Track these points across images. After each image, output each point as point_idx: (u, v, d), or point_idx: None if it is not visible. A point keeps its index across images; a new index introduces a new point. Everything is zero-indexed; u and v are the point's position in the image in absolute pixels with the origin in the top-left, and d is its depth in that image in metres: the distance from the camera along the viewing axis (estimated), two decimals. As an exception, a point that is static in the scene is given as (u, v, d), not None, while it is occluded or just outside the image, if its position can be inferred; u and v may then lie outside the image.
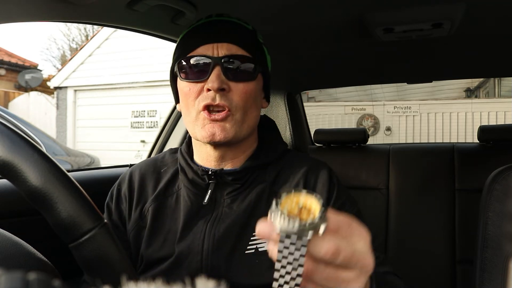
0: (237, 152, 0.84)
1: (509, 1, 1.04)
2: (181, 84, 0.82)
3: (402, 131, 8.12)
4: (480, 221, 0.88)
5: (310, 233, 0.36)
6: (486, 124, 4.35)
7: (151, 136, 7.70)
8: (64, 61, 13.74)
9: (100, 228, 0.49)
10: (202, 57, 0.78)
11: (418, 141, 7.90)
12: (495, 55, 1.55)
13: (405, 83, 2.11)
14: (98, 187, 1.19)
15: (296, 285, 0.37)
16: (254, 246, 0.76)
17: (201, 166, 0.84)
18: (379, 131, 8.22)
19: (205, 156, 0.84)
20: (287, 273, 0.37)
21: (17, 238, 0.52)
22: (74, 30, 16.37)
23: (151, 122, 8.18)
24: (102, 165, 3.60)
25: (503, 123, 7.16)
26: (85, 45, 9.07)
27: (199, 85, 0.78)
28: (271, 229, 0.38)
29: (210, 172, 0.81)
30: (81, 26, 15.40)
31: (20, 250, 0.50)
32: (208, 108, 0.77)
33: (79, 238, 0.48)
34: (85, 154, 4.48)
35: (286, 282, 0.38)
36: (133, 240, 0.85)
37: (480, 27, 1.23)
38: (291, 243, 0.37)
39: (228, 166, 0.84)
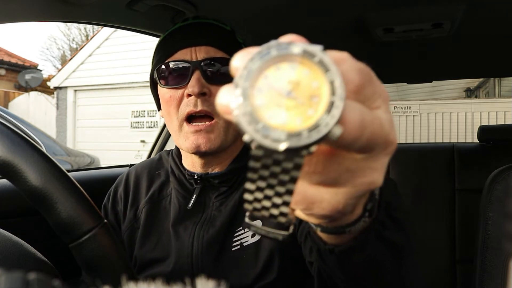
0: (223, 157, 0.82)
1: (509, 1, 1.04)
2: (162, 91, 0.80)
3: (402, 131, 8.12)
4: (480, 221, 0.88)
5: (313, 147, 0.21)
6: (486, 124, 4.35)
7: (151, 136, 7.70)
8: (64, 61, 13.75)
9: (100, 228, 0.49)
10: (181, 62, 0.76)
11: (418, 141, 7.90)
12: (495, 55, 1.55)
13: (405, 83, 2.11)
14: (98, 187, 1.19)
15: (282, 214, 0.24)
16: (239, 242, 0.76)
17: (187, 170, 0.84)
18: (379, 131, 8.21)
19: (190, 163, 0.83)
20: (266, 197, 0.24)
21: (17, 238, 0.52)
22: (74, 30, 16.39)
23: (151, 122, 8.18)
24: (102, 165, 3.60)
25: (503, 123, 7.16)
26: (85, 45, 9.08)
27: (180, 91, 0.76)
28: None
29: (196, 177, 0.81)
30: (81, 26, 15.41)
31: (20, 250, 0.50)
32: (190, 119, 0.76)
33: (79, 238, 0.48)
34: (85, 154, 4.48)
35: (264, 208, 0.24)
36: (127, 240, 0.85)
37: (480, 27, 1.23)
38: (275, 163, 0.22)
39: (215, 170, 0.83)
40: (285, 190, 0.23)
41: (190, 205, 0.80)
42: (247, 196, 0.25)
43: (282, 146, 0.20)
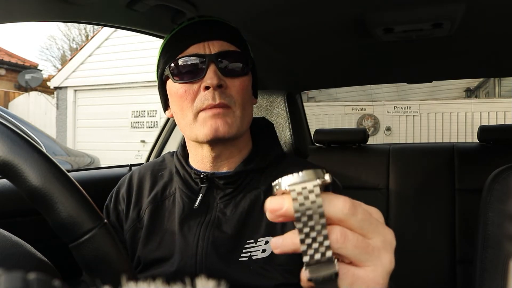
0: (233, 151, 0.82)
1: (509, 1, 1.04)
2: (175, 87, 0.79)
3: (402, 131, 8.12)
4: (480, 221, 0.88)
5: (318, 180, 0.33)
6: (486, 124, 4.35)
7: (151, 136, 7.70)
8: (64, 61, 13.74)
9: (100, 228, 0.49)
10: (196, 56, 0.77)
11: (418, 141, 7.90)
12: (495, 55, 1.55)
13: (405, 83, 2.11)
14: (98, 187, 1.19)
15: (325, 237, 0.33)
16: (248, 254, 0.75)
17: (194, 169, 0.83)
18: (379, 131, 8.23)
19: (200, 158, 0.83)
20: (311, 228, 0.33)
21: (17, 238, 0.52)
22: (74, 30, 16.38)
23: (151, 122, 8.18)
24: (102, 165, 3.59)
25: (503, 123, 7.16)
26: (85, 45, 9.07)
27: (195, 85, 0.76)
28: (282, 203, 0.34)
29: (202, 176, 0.80)
30: (81, 26, 15.41)
31: (20, 250, 0.50)
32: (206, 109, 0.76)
33: (79, 238, 0.48)
34: (85, 154, 4.48)
35: (314, 240, 0.33)
36: (129, 240, 0.85)
37: (480, 27, 1.23)
38: (305, 197, 0.33)
39: (223, 168, 0.83)
40: (318, 216, 0.33)
41: (196, 205, 0.80)
42: (302, 237, 0.34)
43: (302, 179, 0.33)
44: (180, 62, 0.78)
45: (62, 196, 0.48)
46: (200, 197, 0.80)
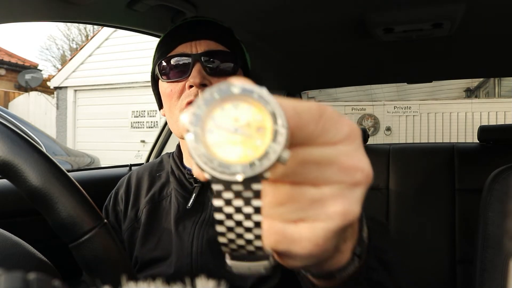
0: None
1: (509, 1, 1.04)
2: (163, 86, 0.81)
3: (402, 131, 8.12)
4: (480, 221, 0.88)
5: (267, 174, 0.23)
6: (486, 124, 4.35)
7: (151, 136, 7.70)
8: (64, 61, 13.74)
9: (100, 228, 0.49)
10: (182, 55, 0.78)
11: (418, 141, 7.90)
12: (495, 55, 1.55)
13: (405, 83, 2.11)
14: (98, 187, 1.19)
15: (257, 248, 0.25)
16: None
17: (188, 168, 0.84)
18: (379, 131, 8.22)
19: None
20: (239, 236, 0.25)
21: (17, 238, 0.52)
22: (74, 30, 16.39)
23: (151, 122, 8.18)
24: (102, 165, 3.59)
25: (503, 123, 7.16)
26: (85, 45, 9.07)
27: (181, 84, 0.78)
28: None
29: (195, 176, 0.81)
30: (81, 26, 15.42)
31: (20, 250, 0.50)
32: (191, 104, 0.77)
33: (79, 238, 0.48)
34: (85, 154, 4.48)
35: (240, 246, 0.25)
36: (127, 240, 0.86)
37: (480, 27, 1.23)
38: (236, 195, 0.23)
39: None
40: (253, 224, 0.24)
41: (189, 205, 0.80)
42: (222, 239, 0.26)
43: (239, 177, 0.22)
44: (168, 61, 0.79)
45: (62, 196, 0.48)
46: (193, 196, 0.81)
